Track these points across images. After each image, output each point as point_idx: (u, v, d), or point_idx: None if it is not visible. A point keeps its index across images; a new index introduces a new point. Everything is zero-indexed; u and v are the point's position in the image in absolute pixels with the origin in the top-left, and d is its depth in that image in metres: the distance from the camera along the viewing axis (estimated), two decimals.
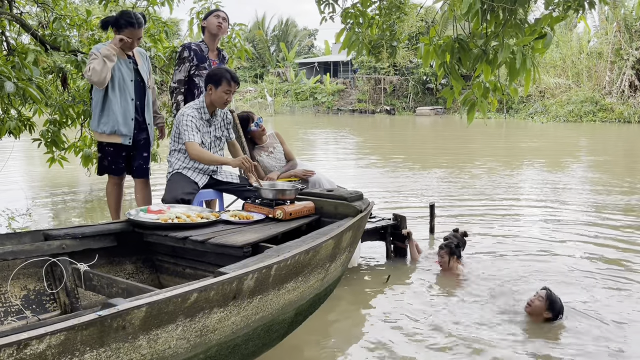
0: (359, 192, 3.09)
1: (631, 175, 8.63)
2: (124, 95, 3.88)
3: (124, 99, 3.88)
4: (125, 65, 3.90)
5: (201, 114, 3.62)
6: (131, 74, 3.93)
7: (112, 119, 3.84)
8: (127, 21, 3.81)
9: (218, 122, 3.74)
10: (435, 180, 8.04)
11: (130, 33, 3.81)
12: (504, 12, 3.07)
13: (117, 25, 3.83)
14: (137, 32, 3.84)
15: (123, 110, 3.86)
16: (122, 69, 3.88)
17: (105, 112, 3.84)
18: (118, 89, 3.85)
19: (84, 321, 1.41)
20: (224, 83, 3.52)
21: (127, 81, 3.90)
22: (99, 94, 3.85)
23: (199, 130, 3.58)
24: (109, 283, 2.29)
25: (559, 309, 3.03)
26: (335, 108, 31.54)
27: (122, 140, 3.91)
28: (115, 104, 3.83)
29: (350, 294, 3.55)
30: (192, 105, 3.64)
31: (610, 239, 4.76)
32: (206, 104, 3.63)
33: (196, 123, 3.56)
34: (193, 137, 3.52)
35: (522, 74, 2.94)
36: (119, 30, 3.82)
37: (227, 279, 1.84)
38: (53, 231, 2.54)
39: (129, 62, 3.94)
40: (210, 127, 3.69)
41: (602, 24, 24.06)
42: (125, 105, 3.88)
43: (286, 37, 39.41)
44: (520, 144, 14.67)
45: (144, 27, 3.97)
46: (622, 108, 21.43)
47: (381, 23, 4.34)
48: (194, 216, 2.84)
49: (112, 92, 3.82)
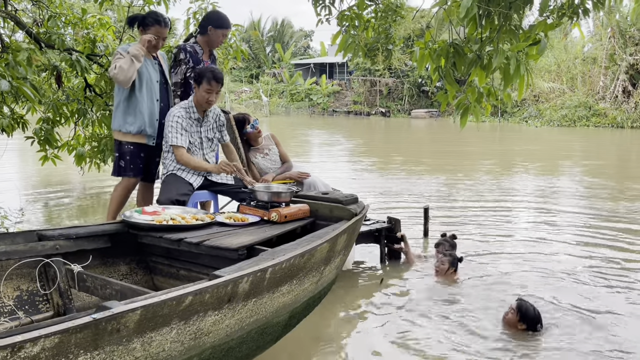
0: (354, 195, 3.09)
1: (624, 179, 8.70)
2: (150, 96, 3.83)
3: (150, 100, 3.83)
4: (151, 66, 3.86)
5: (190, 114, 3.62)
6: (157, 75, 3.90)
7: (140, 118, 3.77)
8: (154, 19, 3.79)
9: (210, 122, 3.74)
10: (430, 184, 8.06)
11: (157, 31, 3.78)
12: (499, 17, 3.09)
13: (144, 23, 3.80)
14: (163, 30, 3.81)
15: (150, 110, 3.81)
16: (149, 69, 3.84)
17: (132, 111, 3.77)
18: (145, 89, 3.79)
19: (79, 324, 1.41)
20: (204, 82, 3.54)
21: (154, 82, 3.86)
22: (123, 93, 3.78)
23: (186, 131, 3.59)
24: (102, 284, 2.28)
25: (531, 319, 2.96)
26: (331, 109, 31.56)
27: (147, 140, 3.85)
28: (142, 104, 3.77)
29: (344, 297, 3.55)
30: (180, 105, 3.66)
31: (604, 243, 4.80)
32: (194, 104, 3.64)
33: (182, 123, 3.57)
34: (177, 140, 3.53)
35: (515, 80, 2.96)
36: (145, 28, 3.79)
37: (222, 282, 1.84)
38: (47, 231, 2.53)
39: (154, 62, 3.91)
40: (200, 127, 3.68)
41: (596, 30, 24.24)
42: (151, 106, 3.83)
43: (282, 37, 39.41)
44: (514, 147, 14.74)
45: (169, 28, 3.95)
46: (616, 113, 21.58)
47: (377, 26, 4.35)
48: (189, 218, 2.84)
49: (139, 92, 3.76)
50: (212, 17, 4.17)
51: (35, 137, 5.13)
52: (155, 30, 3.79)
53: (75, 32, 5.53)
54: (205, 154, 3.75)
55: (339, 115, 30.57)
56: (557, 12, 3.42)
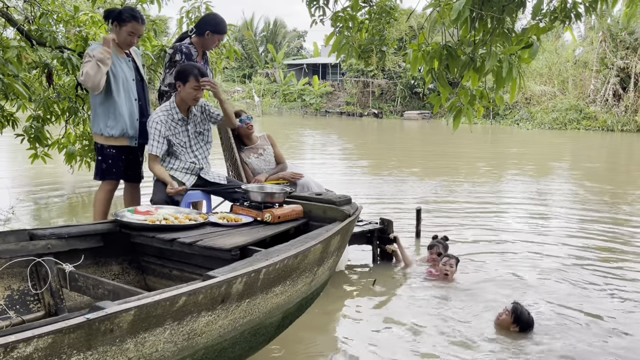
0: (347, 196, 3.10)
1: (614, 182, 8.79)
2: (128, 96, 3.75)
3: (129, 100, 3.75)
4: (125, 64, 3.77)
5: (172, 115, 3.55)
6: (132, 73, 3.81)
7: (121, 121, 3.69)
8: (131, 15, 3.67)
9: (197, 116, 3.67)
10: (422, 185, 8.10)
11: (133, 27, 3.67)
12: (492, 20, 3.11)
13: (120, 19, 3.66)
14: (140, 27, 3.71)
15: (129, 112, 3.73)
16: (124, 68, 3.75)
17: (112, 115, 3.68)
18: (123, 90, 3.71)
19: (72, 324, 1.40)
20: (191, 79, 3.46)
21: (130, 81, 3.77)
22: (99, 96, 3.67)
23: (165, 138, 3.51)
24: (94, 284, 2.27)
25: (525, 322, 3.01)
26: (323, 110, 31.58)
27: (129, 142, 3.78)
28: (122, 107, 3.68)
29: (337, 298, 3.56)
30: (161, 108, 3.57)
31: (597, 245, 4.85)
32: (177, 103, 3.56)
33: (161, 129, 3.49)
34: (152, 148, 3.48)
35: (508, 83, 2.98)
36: (121, 23, 3.66)
37: (215, 283, 1.84)
38: (38, 231, 2.51)
39: (128, 60, 3.82)
40: (187, 126, 3.62)
41: (587, 33, 24.46)
42: (131, 106, 3.75)
43: (275, 38, 39.38)
44: (506, 149, 14.85)
45: (145, 25, 3.86)
46: (606, 116, 21.80)
47: (371, 27, 4.37)
48: (182, 218, 2.83)
49: (117, 94, 3.67)
50: (211, 22, 4.10)
51: (26, 135, 5.09)
52: (132, 27, 3.67)
53: (67, 29, 5.50)
54: (194, 150, 3.69)
55: (331, 116, 30.60)
56: (550, 15, 3.45)
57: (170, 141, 3.56)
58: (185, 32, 4.28)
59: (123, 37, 3.70)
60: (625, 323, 3.19)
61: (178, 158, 3.64)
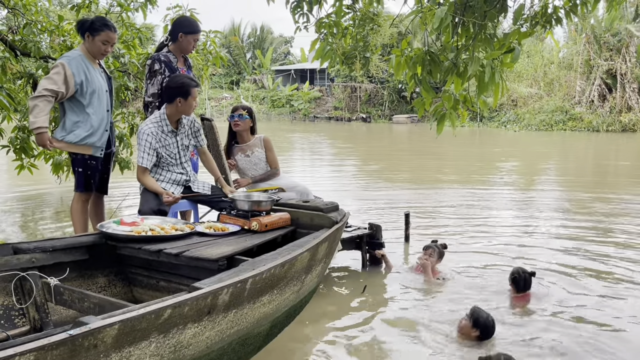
0: (335, 203, 3.11)
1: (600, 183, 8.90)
2: (101, 108, 3.76)
3: (102, 111, 3.77)
4: (99, 75, 3.78)
5: (162, 127, 3.54)
6: (105, 84, 3.83)
7: (92, 131, 3.70)
8: (103, 24, 3.69)
9: (185, 130, 3.67)
10: (411, 189, 8.13)
11: (107, 36, 3.68)
12: (474, 26, 3.15)
13: (93, 28, 3.67)
14: (113, 35, 3.72)
15: (100, 122, 3.76)
16: (99, 79, 3.76)
17: (83, 124, 3.68)
18: (97, 102, 3.72)
19: (54, 341, 1.39)
20: (193, 91, 3.51)
21: (103, 92, 3.79)
22: (72, 107, 3.68)
23: (154, 150, 3.51)
24: (80, 297, 2.25)
25: (484, 325, 2.90)
26: (312, 115, 31.63)
27: (93, 151, 3.78)
28: (94, 119, 3.71)
29: (327, 305, 3.55)
30: (151, 120, 3.56)
31: (582, 250, 4.89)
32: (167, 116, 3.55)
33: (152, 142, 3.49)
34: (142, 160, 3.49)
35: (491, 87, 3.02)
36: (94, 33, 3.67)
37: (201, 294, 1.83)
38: (22, 244, 2.48)
39: (101, 71, 3.84)
40: (177, 137, 3.62)
41: (571, 35, 24.75)
42: (102, 118, 3.78)
43: (262, 44, 39.39)
44: (494, 151, 14.96)
45: (117, 34, 3.88)
46: (591, 117, 22.07)
47: (355, 34, 4.39)
48: (168, 228, 2.82)
49: (90, 107, 3.69)
50: (182, 24, 4.12)
51: (11, 146, 5.04)
52: (106, 35, 3.68)
53: (51, 39, 5.46)
54: (183, 162, 3.69)
55: (320, 121, 30.64)
56: (531, 20, 3.50)
57: (159, 153, 3.55)
58: (162, 42, 4.28)
59: (97, 47, 3.72)
60: (620, 328, 3.20)
61: (165, 169, 3.63)
